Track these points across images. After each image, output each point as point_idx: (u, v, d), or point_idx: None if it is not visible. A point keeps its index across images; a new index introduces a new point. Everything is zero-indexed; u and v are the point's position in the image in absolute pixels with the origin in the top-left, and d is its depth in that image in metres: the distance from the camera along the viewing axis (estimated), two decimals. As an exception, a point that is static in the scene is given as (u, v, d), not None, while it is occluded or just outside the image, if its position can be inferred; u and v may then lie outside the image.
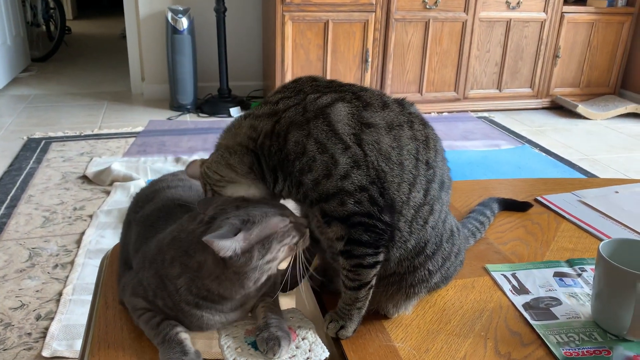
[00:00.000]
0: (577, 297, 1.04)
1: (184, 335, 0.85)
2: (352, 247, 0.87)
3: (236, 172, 0.90)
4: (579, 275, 1.11)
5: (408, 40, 4.17)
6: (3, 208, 2.62)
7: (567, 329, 0.95)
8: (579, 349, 0.90)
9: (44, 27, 6.18)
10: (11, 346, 1.73)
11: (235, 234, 0.79)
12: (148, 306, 0.88)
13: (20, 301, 1.95)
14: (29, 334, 1.79)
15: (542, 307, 1.01)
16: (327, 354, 0.88)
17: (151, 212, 0.99)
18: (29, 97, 4.49)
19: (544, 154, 3.61)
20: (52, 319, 1.85)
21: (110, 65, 5.63)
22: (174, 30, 4.05)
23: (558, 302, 1.02)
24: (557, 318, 0.98)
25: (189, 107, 4.25)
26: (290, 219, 0.86)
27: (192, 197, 1.03)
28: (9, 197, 2.73)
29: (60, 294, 1.99)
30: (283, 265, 1.11)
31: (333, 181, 0.83)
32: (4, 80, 4.67)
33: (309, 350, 0.88)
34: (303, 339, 0.91)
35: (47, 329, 1.80)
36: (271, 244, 0.83)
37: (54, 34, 6.03)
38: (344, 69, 4.10)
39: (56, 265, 2.17)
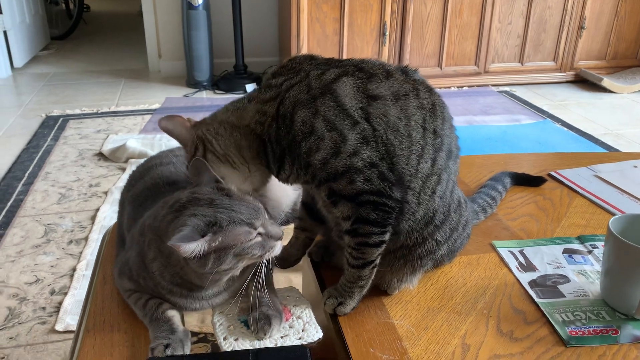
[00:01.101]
0: (587, 274, 1.00)
1: (172, 313, 0.84)
2: (359, 226, 0.85)
3: (243, 156, 0.88)
4: (590, 252, 1.07)
5: (427, 13, 4.07)
6: (20, 185, 2.65)
7: (573, 307, 0.91)
8: (585, 327, 0.87)
9: (63, 5, 6.21)
10: (26, 320, 1.76)
11: (202, 235, 0.76)
12: (134, 287, 0.87)
13: (36, 276, 1.98)
14: (43, 308, 1.82)
15: (549, 285, 0.97)
16: (320, 334, 0.86)
17: (141, 191, 0.98)
18: (48, 75, 4.52)
19: (565, 129, 3.52)
20: (66, 294, 1.87)
21: (128, 42, 5.63)
22: (189, 6, 4.02)
23: (566, 279, 0.99)
24: (564, 296, 0.94)
25: (205, 84, 4.24)
26: (259, 230, 0.80)
27: (182, 175, 1.02)
28: (26, 174, 2.76)
29: (74, 269, 2.01)
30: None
31: (342, 159, 0.81)
32: (23, 59, 4.71)
33: (302, 330, 0.87)
34: (297, 318, 0.89)
35: (60, 303, 1.83)
36: (227, 257, 0.78)
37: (72, 12, 6.05)
38: (360, 43, 4.02)
39: (71, 241, 2.20)
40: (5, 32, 4.42)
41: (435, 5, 4.05)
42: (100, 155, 3.00)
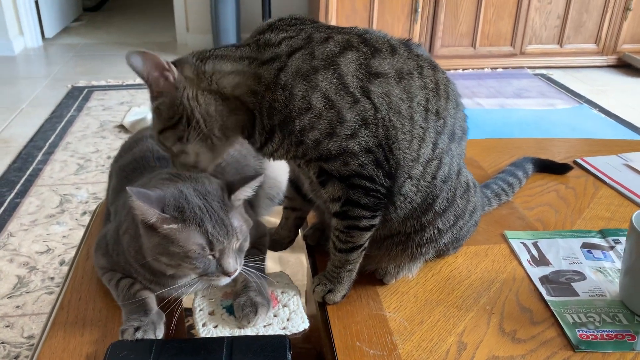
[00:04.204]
0: (606, 272, 0.91)
1: (145, 294, 0.79)
2: (349, 208, 0.79)
3: (225, 135, 0.79)
4: (612, 247, 0.97)
5: (462, -11, 3.90)
6: (40, 154, 2.66)
7: (587, 307, 0.83)
8: (597, 331, 0.78)
9: (97, -24, 6.20)
10: (34, 289, 1.76)
11: (161, 210, 0.70)
12: (107, 263, 0.82)
13: (47, 246, 1.98)
14: (52, 278, 1.81)
15: (562, 282, 0.89)
16: (306, 325, 0.80)
17: (128, 162, 0.93)
18: (78, 46, 4.53)
19: (603, 115, 3.34)
20: (75, 264, 1.86)
21: (159, 15, 5.60)
22: (217, -22, 3.96)
23: (582, 276, 0.90)
24: (577, 295, 0.86)
25: (231, 58, 4.18)
26: (213, 253, 0.73)
27: None
28: (47, 144, 2.77)
29: (85, 240, 2.00)
30: (273, 222, 1.03)
31: (337, 141, 0.75)
32: (54, 29, 4.74)
33: (287, 320, 0.81)
34: (284, 307, 0.84)
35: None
36: (169, 251, 0.72)
37: (106, -17, 6.05)
38: (391, 20, 3.89)
39: (84, 212, 2.19)
40: (37, 2, 4.44)
41: (471, -19, 3.88)
42: (121, 127, 2.98)
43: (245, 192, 0.79)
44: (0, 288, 1.76)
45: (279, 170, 1.08)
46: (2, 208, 2.20)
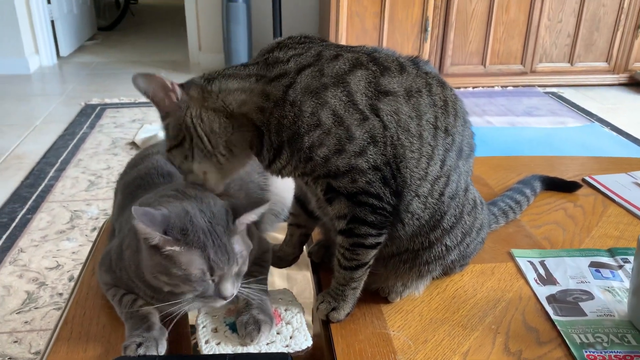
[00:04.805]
0: (614, 292, 0.89)
1: (148, 310, 0.79)
2: (355, 226, 0.79)
3: (232, 152, 0.79)
4: (620, 267, 0.96)
5: (472, 8, 3.92)
6: (53, 171, 2.69)
7: (595, 328, 0.82)
8: (605, 352, 0.77)
9: (111, -4, 6.32)
10: (42, 305, 1.77)
11: (164, 232, 0.70)
12: (111, 279, 0.82)
13: (57, 262, 1.99)
14: (60, 294, 1.82)
15: (570, 301, 0.88)
16: (309, 343, 0.80)
17: (133, 179, 0.93)
18: (92, 65, 4.60)
19: (615, 134, 3.32)
20: (84, 280, 1.87)
21: (172, 34, 5.69)
22: (229, -2, 4.01)
23: (590, 296, 0.89)
24: (585, 315, 0.84)
25: (242, 76, 4.21)
26: (213, 277, 0.73)
27: None
28: (59, 161, 2.80)
29: (94, 256, 2.01)
30: (278, 238, 1.03)
31: (346, 158, 0.75)
32: (70, 48, 4.82)
33: (290, 337, 0.81)
34: (287, 324, 0.83)
35: (77, 290, 1.82)
36: (169, 271, 0.72)
37: (120, 3, 6.15)
38: (401, 39, 3.91)
39: (94, 228, 2.20)
40: (52, 22, 4.53)
41: (481, 0, 3.90)
42: (133, 144, 3.01)
43: (250, 217, 0.78)
44: (10, 303, 1.77)
45: (284, 187, 1.08)
46: (14, 224, 2.22)
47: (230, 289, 0.74)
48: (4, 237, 2.13)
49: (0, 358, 1.56)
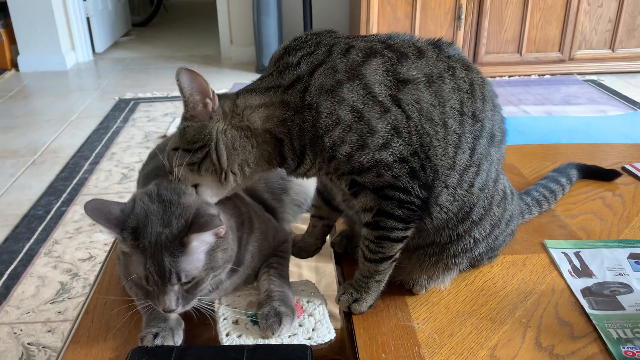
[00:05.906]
0: (655, 284, 0.84)
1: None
2: (381, 219, 0.76)
3: (243, 170, 0.78)
4: (662, 258, 0.90)
5: (507, -5, 3.81)
6: (87, 164, 2.74)
7: (634, 322, 0.77)
8: (645, 348, 0.72)
9: (146, -7, 6.40)
10: (75, 295, 1.80)
11: (121, 228, 0.73)
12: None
13: (89, 253, 2.02)
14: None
15: (607, 295, 0.83)
16: (332, 335, 0.78)
17: (151, 170, 0.92)
18: (126, 60, 4.68)
19: (659, 122, 3.18)
20: (115, 272, 1.90)
21: (204, 29, 5.73)
22: (260, -9, 4.00)
23: (628, 289, 0.84)
24: (623, 309, 0.80)
25: (273, 69, 4.21)
26: (150, 287, 0.73)
27: None
28: (93, 154, 2.85)
29: (125, 248, 2.04)
30: (301, 229, 1.01)
31: (369, 152, 0.72)
32: (105, 44, 4.90)
33: (313, 330, 0.78)
34: (309, 316, 0.81)
35: (109, 281, 1.85)
36: (128, 270, 0.74)
37: (154, -1, 6.23)
38: (434, 27, 3.84)
39: (126, 221, 2.23)
40: (88, 19, 4.61)
41: (517, -14, 3.79)
42: (165, 137, 3.04)
43: (202, 238, 0.73)
44: (44, 294, 1.80)
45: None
46: (49, 216, 2.27)
47: (169, 303, 0.71)
48: (40, 229, 2.18)
49: (34, 347, 1.59)
